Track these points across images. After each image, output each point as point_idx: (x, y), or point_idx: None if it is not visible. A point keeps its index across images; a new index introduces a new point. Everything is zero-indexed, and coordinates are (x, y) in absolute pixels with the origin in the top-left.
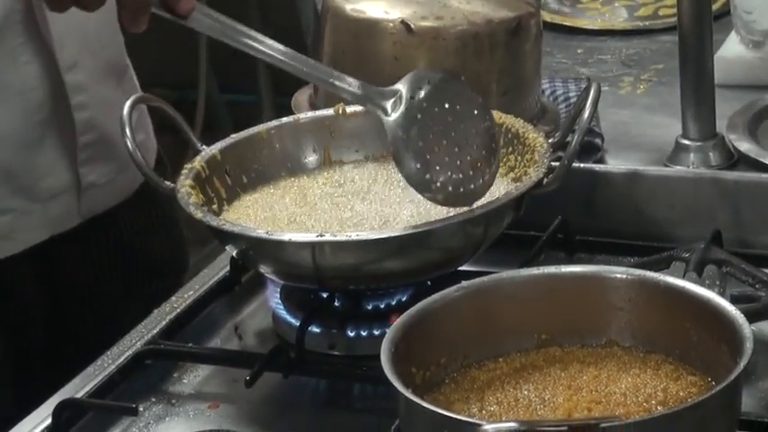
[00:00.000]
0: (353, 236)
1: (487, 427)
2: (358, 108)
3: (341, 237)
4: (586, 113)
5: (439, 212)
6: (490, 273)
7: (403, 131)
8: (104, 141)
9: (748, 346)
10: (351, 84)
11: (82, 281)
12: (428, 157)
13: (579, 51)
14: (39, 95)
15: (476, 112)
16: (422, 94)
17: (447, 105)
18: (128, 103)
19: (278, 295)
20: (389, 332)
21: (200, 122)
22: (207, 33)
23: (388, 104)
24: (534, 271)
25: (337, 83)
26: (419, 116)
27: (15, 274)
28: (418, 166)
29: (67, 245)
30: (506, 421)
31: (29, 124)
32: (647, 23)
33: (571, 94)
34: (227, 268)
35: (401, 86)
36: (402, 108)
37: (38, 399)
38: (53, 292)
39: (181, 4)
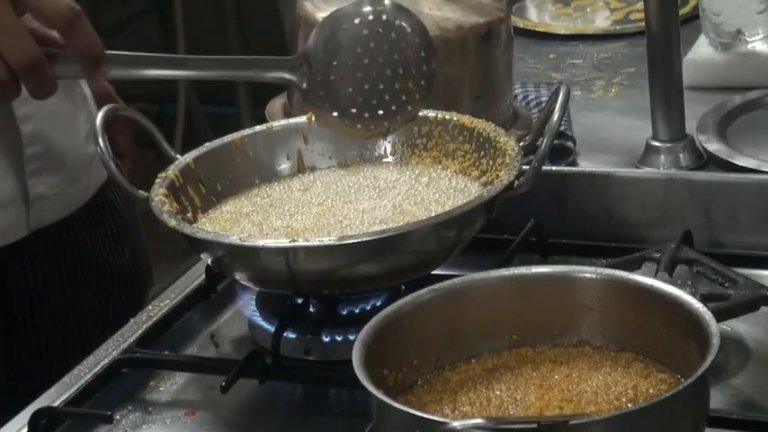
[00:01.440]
0: (326, 241)
1: (455, 424)
2: None
3: (314, 242)
4: (555, 116)
5: (412, 216)
6: (461, 275)
7: (318, 98)
8: (52, 153)
9: (715, 342)
10: (258, 63)
11: (31, 293)
12: (342, 105)
13: (551, 56)
14: None
15: (406, 32)
16: (335, 43)
17: (367, 42)
18: (100, 114)
19: (253, 302)
20: (361, 334)
21: (181, 135)
22: (126, 77)
23: (299, 74)
24: (505, 272)
25: (242, 67)
26: (332, 76)
27: None
28: (335, 114)
29: (14, 256)
30: (474, 417)
31: None
32: (618, 27)
33: (543, 99)
34: (203, 277)
35: (310, 46)
36: (314, 73)
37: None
38: (4, 305)
39: (96, 76)
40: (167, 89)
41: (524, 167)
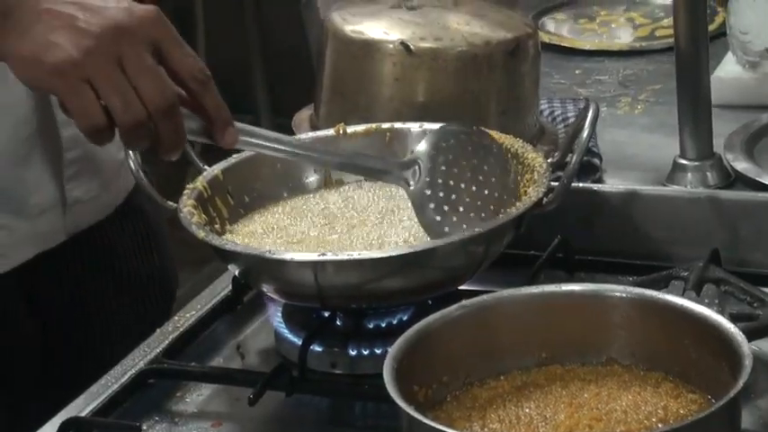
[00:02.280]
0: (355, 255)
1: None
2: (359, 128)
3: (343, 256)
4: (585, 133)
5: None
6: (491, 292)
7: (425, 199)
8: (89, 157)
9: (747, 363)
10: (373, 162)
11: (64, 299)
12: (446, 209)
13: (577, 72)
14: (25, 111)
15: (493, 158)
16: (440, 157)
17: (465, 161)
18: None
19: (280, 314)
20: (392, 350)
21: (199, 144)
22: (248, 149)
23: (409, 175)
24: (534, 290)
25: (359, 162)
26: (439, 180)
27: (5, 294)
28: (437, 218)
29: (52, 262)
30: None
31: (16, 140)
32: (644, 44)
33: (569, 115)
34: (230, 288)
35: (421, 152)
36: (422, 176)
37: (30, 421)
38: (40, 311)
39: (225, 138)
40: None
41: (552, 184)
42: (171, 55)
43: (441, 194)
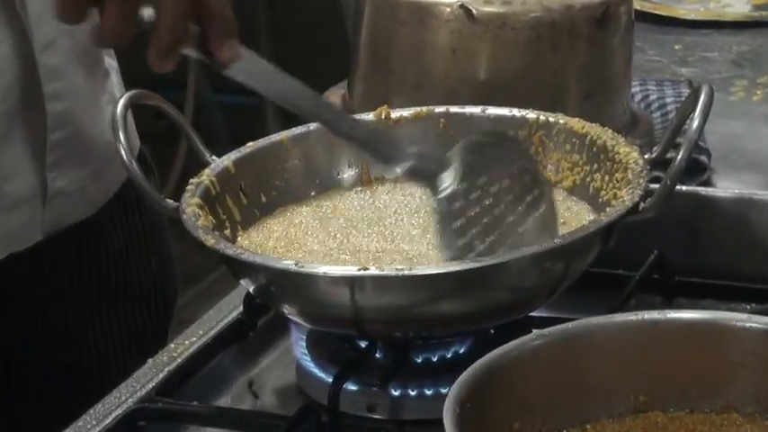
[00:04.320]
0: (404, 271)
1: None
2: (405, 112)
3: (388, 271)
4: (695, 123)
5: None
6: (570, 320)
7: (451, 213)
8: (77, 141)
9: None
10: (397, 148)
11: (40, 313)
12: (472, 231)
13: (677, 48)
14: (8, 79)
15: (527, 177)
16: (474, 166)
17: (497, 175)
18: (122, 101)
19: (304, 343)
20: (454, 390)
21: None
22: (247, 85)
23: (442, 177)
24: (632, 317)
25: (379, 142)
26: (474, 194)
27: None
28: (459, 243)
29: (25, 266)
30: None
31: None
32: (763, 14)
33: (668, 100)
34: (241, 308)
35: (454, 159)
36: (457, 184)
37: None
38: (4, 324)
39: (223, 51)
40: (174, 72)
41: (651, 186)
42: None
43: (472, 213)
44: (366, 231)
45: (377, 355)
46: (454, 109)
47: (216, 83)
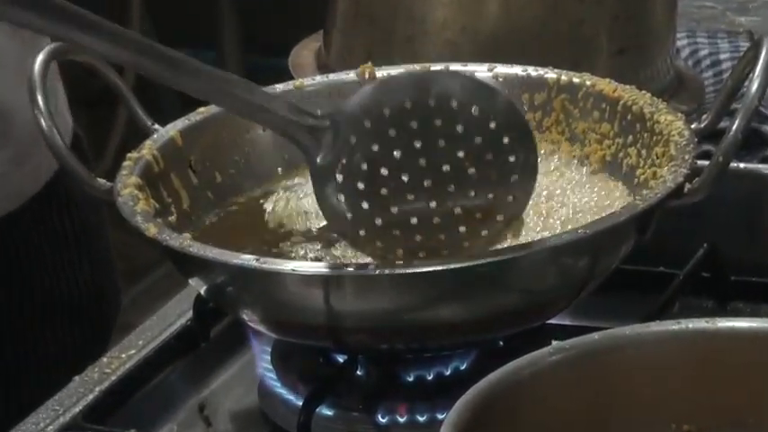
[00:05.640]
0: (390, 268)
1: None
2: (395, 70)
3: (370, 269)
4: (755, 85)
5: (521, 234)
6: (597, 329)
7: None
8: None
9: None
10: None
11: None
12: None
13: None
14: None
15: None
16: (374, 126)
17: (423, 138)
18: (40, 57)
19: (269, 357)
20: (452, 415)
21: (131, 86)
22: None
23: (317, 142)
24: (674, 326)
25: (237, 96)
26: (362, 165)
27: None
28: (362, 232)
29: None
30: None
31: None
32: None
33: (722, 57)
34: (190, 315)
35: (347, 112)
36: (334, 151)
37: None
38: None
39: None
40: (114, 19)
41: (699, 163)
42: None
43: (360, 185)
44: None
45: (358, 373)
46: (455, 67)
47: (164, 34)
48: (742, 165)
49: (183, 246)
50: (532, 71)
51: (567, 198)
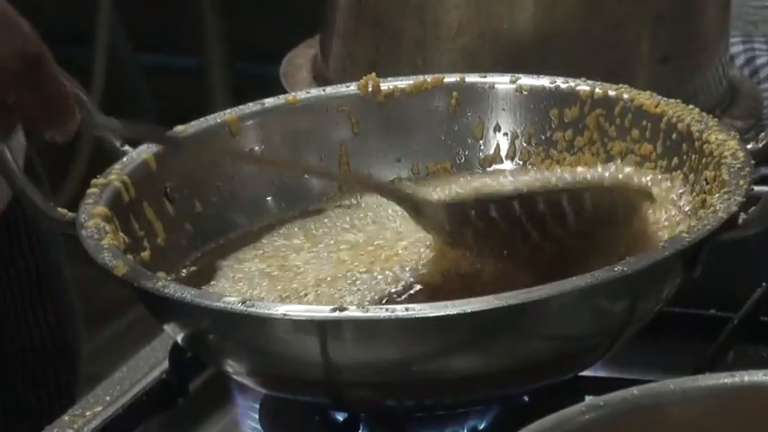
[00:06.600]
0: (397, 311)
1: None
2: (402, 82)
3: (374, 312)
4: None
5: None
6: (637, 383)
7: None
8: None
9: None
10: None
11: None
12: None
13: None
14: None
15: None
16: None
17: None
18: None
19: (257, 415)
20: None
21: (98, 99)
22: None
23: None
24: (727, 379)
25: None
26: None
27: None
28: None
29: None
30: None
31: None
32: None
33: None
34: (166, 366)
35: None
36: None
37: None
38: None
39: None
40: (83, 22)
41: (754, 189)
42: None
43: None
44: (348, 253)
45: None
46: (472, 78)
47: (138, 37)
48: None
49: (157, 287)
50: (562, 83)
51: None
